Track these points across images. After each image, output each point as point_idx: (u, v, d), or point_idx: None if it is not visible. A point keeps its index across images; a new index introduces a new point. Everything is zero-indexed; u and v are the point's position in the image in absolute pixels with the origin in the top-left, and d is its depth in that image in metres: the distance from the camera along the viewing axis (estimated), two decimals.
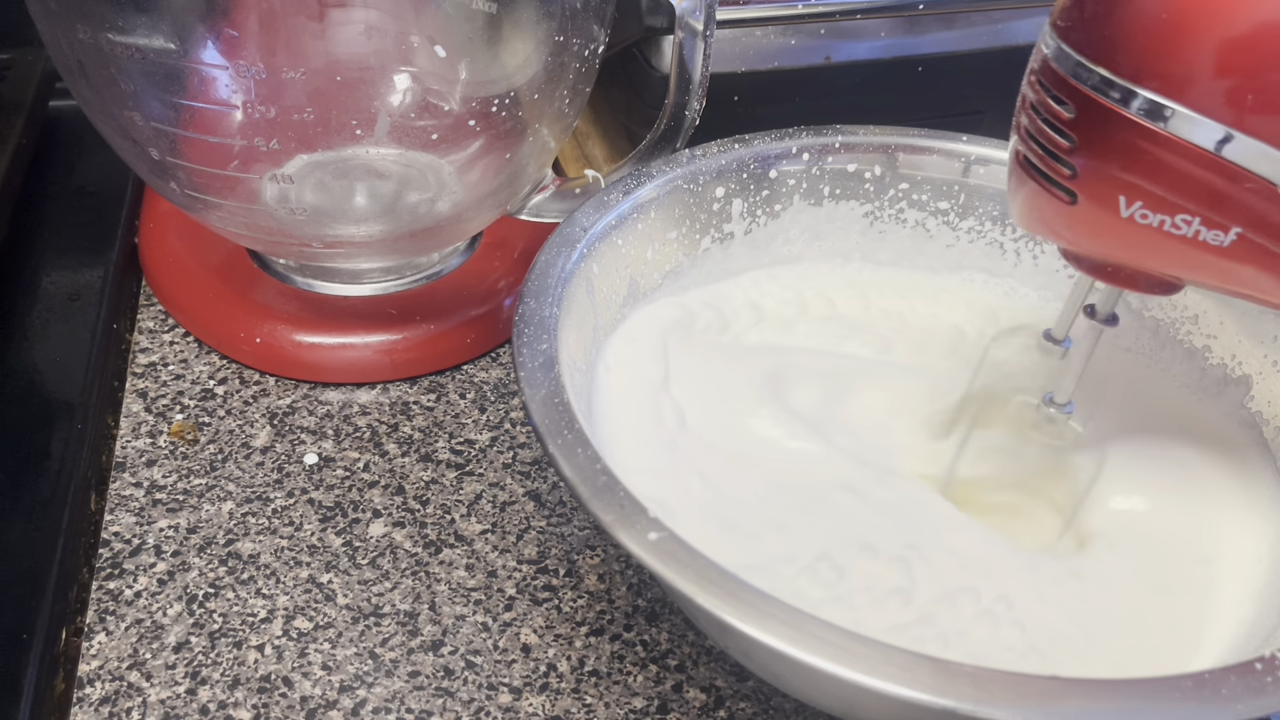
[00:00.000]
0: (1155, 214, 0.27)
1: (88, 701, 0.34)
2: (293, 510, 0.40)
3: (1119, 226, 0.28)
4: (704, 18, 0.40)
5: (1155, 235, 0.28)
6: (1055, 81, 0.28)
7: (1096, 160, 0.28)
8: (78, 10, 0.36)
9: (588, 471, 0.29)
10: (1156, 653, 0.32)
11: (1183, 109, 0.26)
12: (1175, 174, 0.27)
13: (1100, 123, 0.27)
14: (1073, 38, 0.27)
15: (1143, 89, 0.26)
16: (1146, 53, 0.26)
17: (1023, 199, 0.30)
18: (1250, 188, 0.26)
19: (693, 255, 0.42)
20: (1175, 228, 0.28)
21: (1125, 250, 0.29)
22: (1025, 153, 0.29)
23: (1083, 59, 0.27)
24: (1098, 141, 0.27)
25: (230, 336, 0.45)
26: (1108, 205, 0.28)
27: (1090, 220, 0.29)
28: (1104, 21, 0.27)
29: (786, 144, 0.42)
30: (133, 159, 0.41)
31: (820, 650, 0.25)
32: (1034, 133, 0.29)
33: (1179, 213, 0.27)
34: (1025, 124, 0.29)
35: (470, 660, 0.36)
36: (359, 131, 0.38)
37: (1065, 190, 0.28)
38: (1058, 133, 0.28)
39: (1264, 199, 0.26)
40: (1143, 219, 0.28)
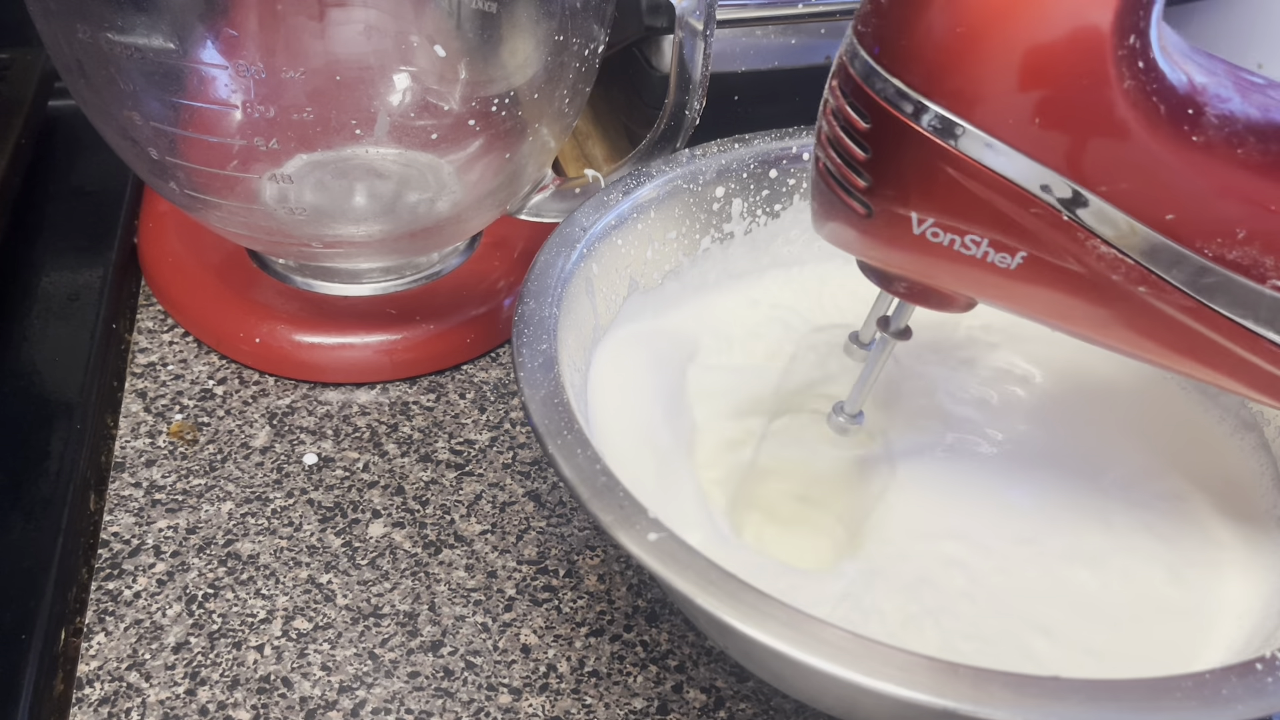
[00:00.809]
0: (946, 233, 0.27)
1: (87, 702, 0.34)
2: (292, 510, 0.40)
3: (911, 243, 0.28)
4: (704, 17, 0.40)
5: (946, 254, 0.28)
6: (853, 89, 0.27)
7: (890, 174, 0.27)
8: (77, 10, 0.36)
9: (587, 472, 0.29)
10: (1158, 650, 0.32)
11: (972, 128, 0.25)
12: (965, 194, 0.26)
13: (894, 135, 0.26)
14: (870, 45, 0.27)
15: (935, 104, 0.26)
16: (939, 67, 0.25)
17: (820, 207, 0.30)
18: (1036, 212, 0.26)
19: (693, 255, 0.42)
20: (965, 248, 0.27)
21: (917, 267, 0.29)
22: (824, 160, 0.29)
23: (879, 68, 0.26)
24: (892, 154, 0.27)
25: (230, 336, 0.45)
26: (901, 221, 0.27)
27: (884, 235, 0.28)
28: (900, 31, 0.26)
29: (786, 144, 0.42)
30: (132, 159, 0.41)
31: (820, 651, 0.25)
32: (833, 140, 0.28)
33: (969, 233, 0.27)
34: (825, 130, 0.29)
35: (470, 661, 0.36)
36: (359, 131, 0.38)
37: (861, 202, 0.28)
38: (854, 142, 0.27)
39: (1049, 225, 0.26)
40: (934, 237, 0.27)
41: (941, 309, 0.30)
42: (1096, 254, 0.27)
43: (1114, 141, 0.25)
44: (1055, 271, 0.27)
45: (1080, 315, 0.28)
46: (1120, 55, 0.24)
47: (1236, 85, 0.26)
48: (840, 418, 0.35)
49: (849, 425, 0.35)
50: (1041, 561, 0.34)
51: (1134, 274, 0.27)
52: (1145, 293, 0.27)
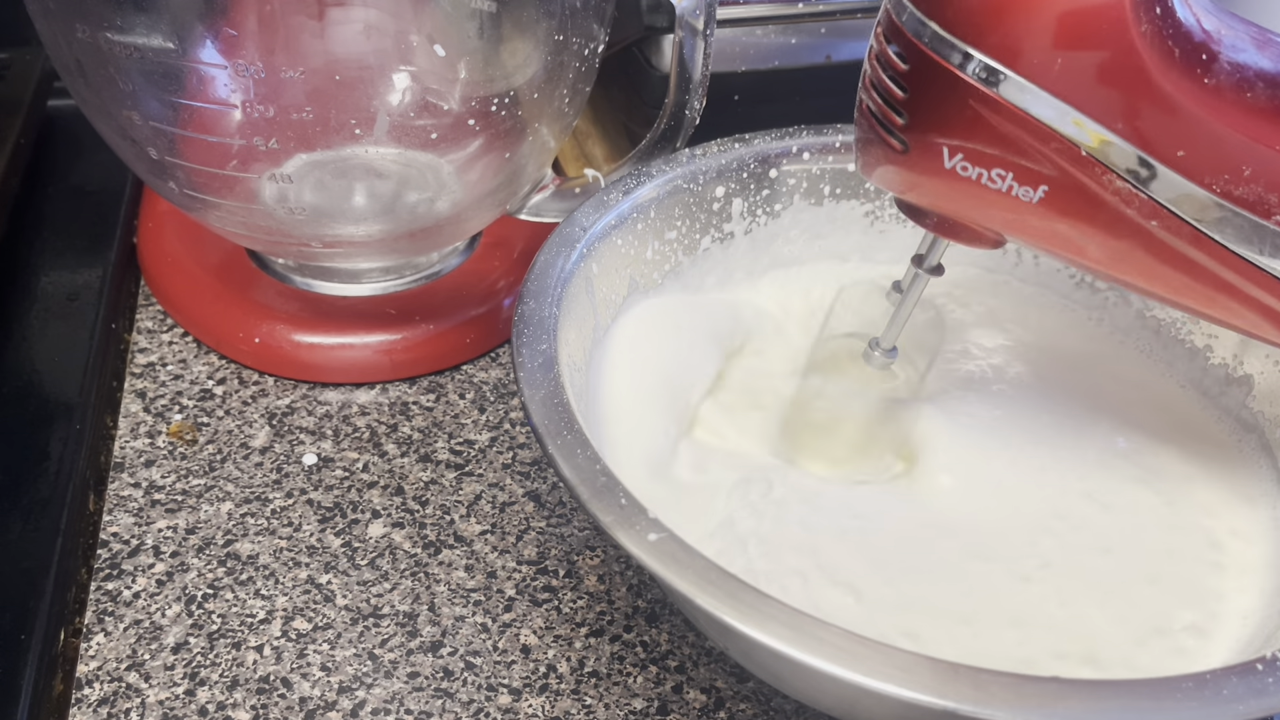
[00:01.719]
0: (974, 167, 0.29)
1: (86, 702, 0.34)
2: (292, 511, 0.40)
3: (943, 177, 0.30)
4: (704, 17, 0.40)
5: (974, 188, 0.29)
6: (894, 32, 0.29)
7: (925, 111, 0.29)
8: (76, 9, 0.36)
9: (587, 472, 0.29)
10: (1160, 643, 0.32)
11: (1002, 67, 0.27)
12: (992, 130, 0.28)
13: (931, 76, 0.28)
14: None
15: (970, 47, 0.27)
16: (975, 14, 0.27)
17: (863, 146, 0.32)
18: (1057, 148, 0.28)
19: (693, 255, 0.42)
20: (991, 181, 0.29)
21: (949, 201, 0.31)
22: (867, 101, 0.31)
23: (920, 14, 0.28)
24: (927, 94, 0.29)
25: (229, 336, 0.45)
26: (933, 156, 0.29)
27: (918, 169, 0.30)
28: None
29: (787, 143, 0.42)
30: (131, 158, 0.41)
31: (821, 651, 0.25)
32: (875, 82, 0.30)
33: (994, 166, 0.29)
34: (869, 73, 0.31)
35: (470, 661, 0.36)
36: (358, 131, 0.38)
37: (898, 138, 0.30)
38: (894, 83, 0.29)
39: (1069, 160, 0.28)
40: (963, 171, 0.29)
41: (971, 244, 0.32)
42: (1112, 188, 0.28)
43: (1130, 82, 0.27)
44: (1074, 205, 0.29)
45: (1096, 249, 0.30)
46: (1137, 2, 0.26)
47: (1255, 40, 0.28)
48: (876, 353, 0.37)
49: (886, 359, 0.37)
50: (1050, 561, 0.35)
51: (1146, 208, 0.29)
52: (1157, 227, 0.29)
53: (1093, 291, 0.43)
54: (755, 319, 0.42)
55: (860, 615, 0.33)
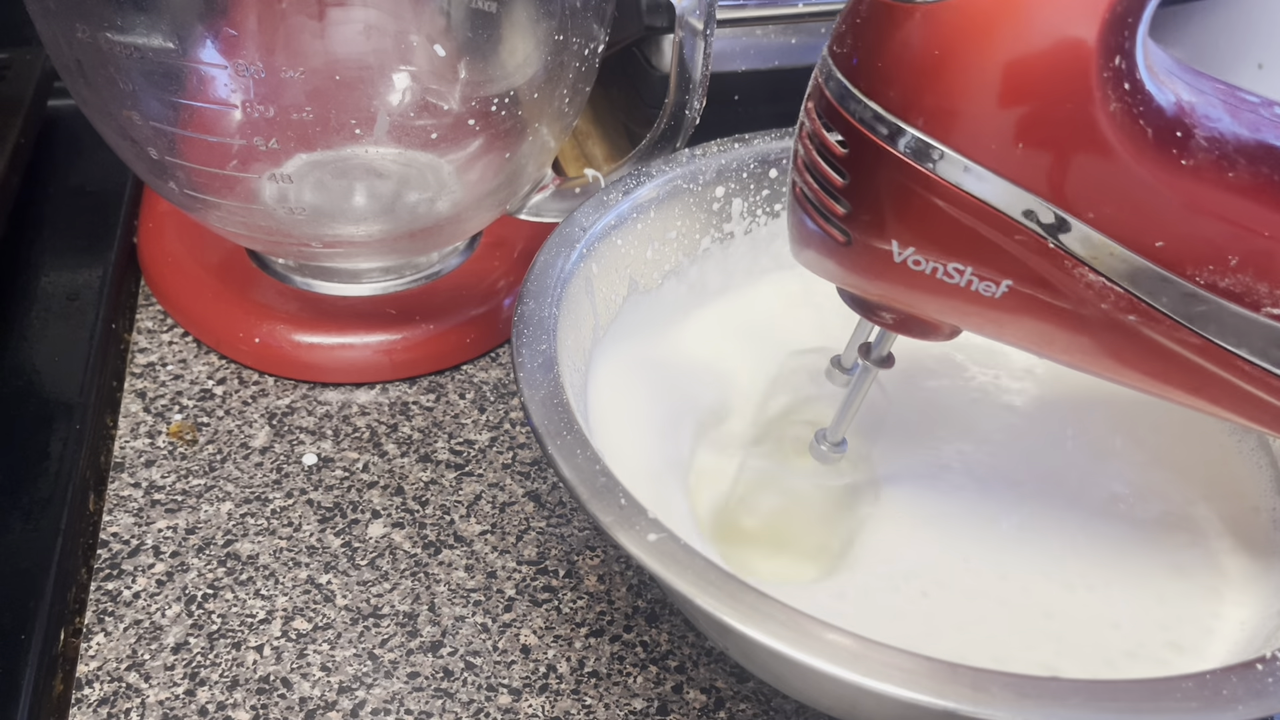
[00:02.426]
0: (928, 261, 0.26)
1: (86, 702, 0.34)
2: (291, 511, 0.40)
3: (892, 272, 0.27)
4: (704, 17, 0.40)
5: (929, 283, 0.27)
6: (829, 112, 0.26)
7: (869, 200, 0.26)
8: (76, 9, 0.36)
9: (587, 472, 0.29)
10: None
11: (952, 152, 0.25)
12: (946, 221, 0.26)
13: (872, 160, 0.26)
14: (846, 66, 0.26)
15: (912, 127, 0.25)
16: (916, 89, 0.25)
17: (798, 234, 0.29)
18: (1020, 240, 0.25)
19: (693, 255, 0.42)
20: (948, 276, 0.26)
21: (900, 297, 0.28)
22: (801, 185, 0.28)
23: (856, 90, 0.26)
24: (870, 180, 0.26)
25: (229, 336, 0.45)
26: (881, 249, 0.27)
27: (864, 263, 0.27)
28: (875, 51, 0.25)
29: (787, 143, 0.42)
30: (131, 158, 0.41)
31: (821, 652, 0.25)
32: (809, 165, 0.27)
33: (951, 260, 0.26)
34: (801, 154, 0.28)
35: (470, 661, 0.36)
36: (358, 131, 0.38)
37: (840, 229, 0.27)
38: (832, 168, 0.27)
39: (1034, 252, 0.26)
40: (915, 266, 0.27)
41: (925, 338, 0.30)
42: (1084, 282, 0.26)
43: (1100, 166, 0.25)
44: (1041, 299, 0.27)
45: (1068, 344, 0.28)
46: (1105, 77, 0.24)
47: (1226, 104, 0.26)
48: (823, 446, 0.34)
49: (832, 454, 0.34)
50: (1036, 569, 0.34)
51: (1123, 302, 0.26)
52: (1135, 321, 0.27)
53: None
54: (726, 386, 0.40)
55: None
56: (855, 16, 0.26)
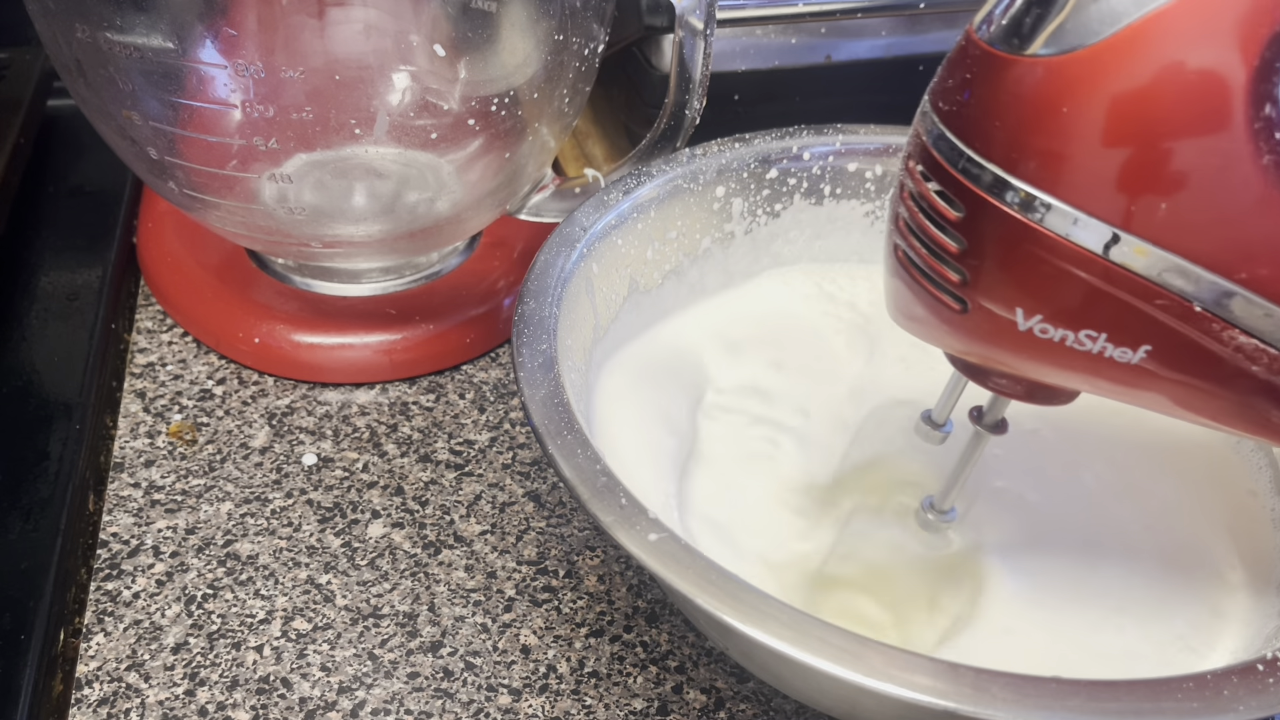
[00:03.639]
0: (1057, 329, 0.25)
1: (86, 702, 0.34)
2: (291, 511, 0.40)
3: (1016, 341, 0.25)
4: (704, 17, 0.40)
5: (1056, 350, 0.25)
6: (941, 176, 0.24)
7: (990, 268, 0.24)
8: (76, 9, 0.36)
9: (587, 472, 0.29)
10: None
11: (1091, 219, 0.23)
12: (1081, 288, 0.24)
13: (995, 227, 0.24)
14: (958, 125, 0.24)
15: (1042, 192, 0.23)
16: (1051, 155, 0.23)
17: (902, 299, 0.27)
18: (1163, 304, 0.24)
19: (693, 255, 0.42)
20: (1079, 344, 0.25)
21: (1023, 364, 0.26)
22: (905, 248, 0.26)
23: (972, 152, 0.24)
24: (992, 247, 0.24)
25: (229, 336, 0.45)
26: (1004, 317, 0.25)
27: (983, 332, 0.26)
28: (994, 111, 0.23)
29: (786, 143, 0.42)
30: (131, 158, 0.41)
31: (821, 652, 0.25)
32: (915, 228, 0.25)
33: (1084, 328, 0.24)
34: (904, 216, 0.26)
35: (470, 661, 0.36)
36: (358, 131, 0.38)
37: (955, 297, 0.25)
38: (944, 233, 0.25)
39: (1178, 316, 0.24)
40: (1042, 334, 0.25)
41: (1044, 403, 0.28)
42: (1235, 345, 0.24)
43: (1253, 224, 0.23)
44: (1184, 363, 0.25)
45: (1209, 406, 0.26)
46: (1257, 129, 0.22)
47: None
48: (930, 515, 0.33)
49: (940, 523, 0.32)
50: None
51: (1277, 363, 0.24)
52: None
53: None
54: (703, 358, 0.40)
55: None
56: (964, 72, 0.24)
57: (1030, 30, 0.23)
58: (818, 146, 0.43)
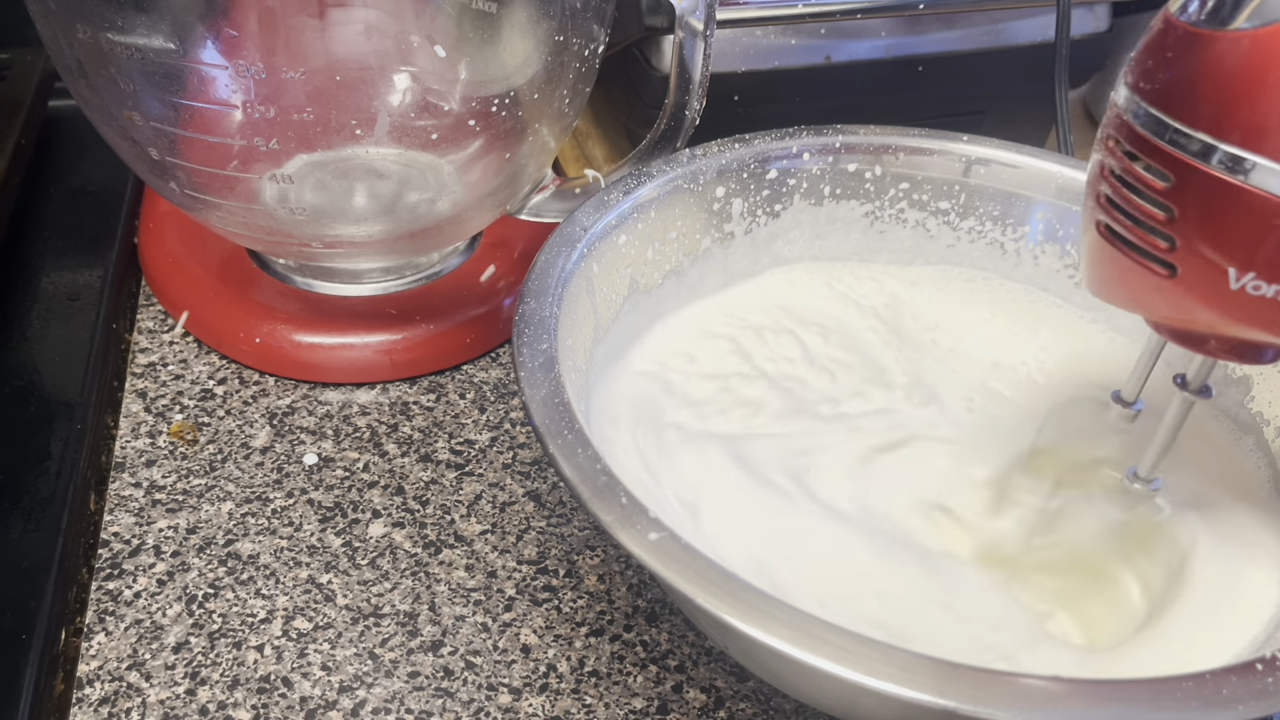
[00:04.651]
0: (1270, 284, 0.25)
1: (87, 702, 0.34)
2: (292, 510, 0.40)
3: (1228, 300, 0.26)
4: (704, 17, 0.40)
5: (1269, 306, 0.26)
6: (1146, 149, 0.26)
7: (1201, 232, 0.26)
8: (77, 10, 0.36)
9: (588, 471, 0.29)
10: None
11: None
12: None
13: (1205, 192, 0.25)
14: (1163, 101, 0.26)
15: (1252, 154, 0.24)
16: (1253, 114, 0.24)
17: (1108, 272, 0.28)
18: None
19: (693, 255, 0.42)
20: None
21: (1233, 323, 0.27)
22: (1109, 223, 0.27)
23: (1178, 124, 0.25)
24: (1202, 212, 0.25)
25: (230, 336, 0.45)
26: (1215, 278, 0.26)
27: (1193, 294, 0.27)
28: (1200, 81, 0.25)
29: (786, 144, 0.42)
30: (132, 159, 0.41)
31: (821, 651, 0.25)
32: (1120, 203, 0.27)
33: None
34: (1108, 193, 0.27)
35: (470, 661, 0.36)
36: (359, 131, 0.38)
37: (1163, 264, 0.27)
38: (1152, 204, 0.26)
39: None
40: (1255, 290, 0.26)
41: (1254, 362, 0.29)
42: None
43: None
44: None
45: None
46: None
47: None
48: (1136, 485, 0.34)
49: (1148, 490, 0.34)
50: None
51: None
52: None
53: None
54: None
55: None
56: (1166, 52, 0.26)
57: (1232, 9, 0.25)
58: (818, 146, 0.43)
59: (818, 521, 0.34)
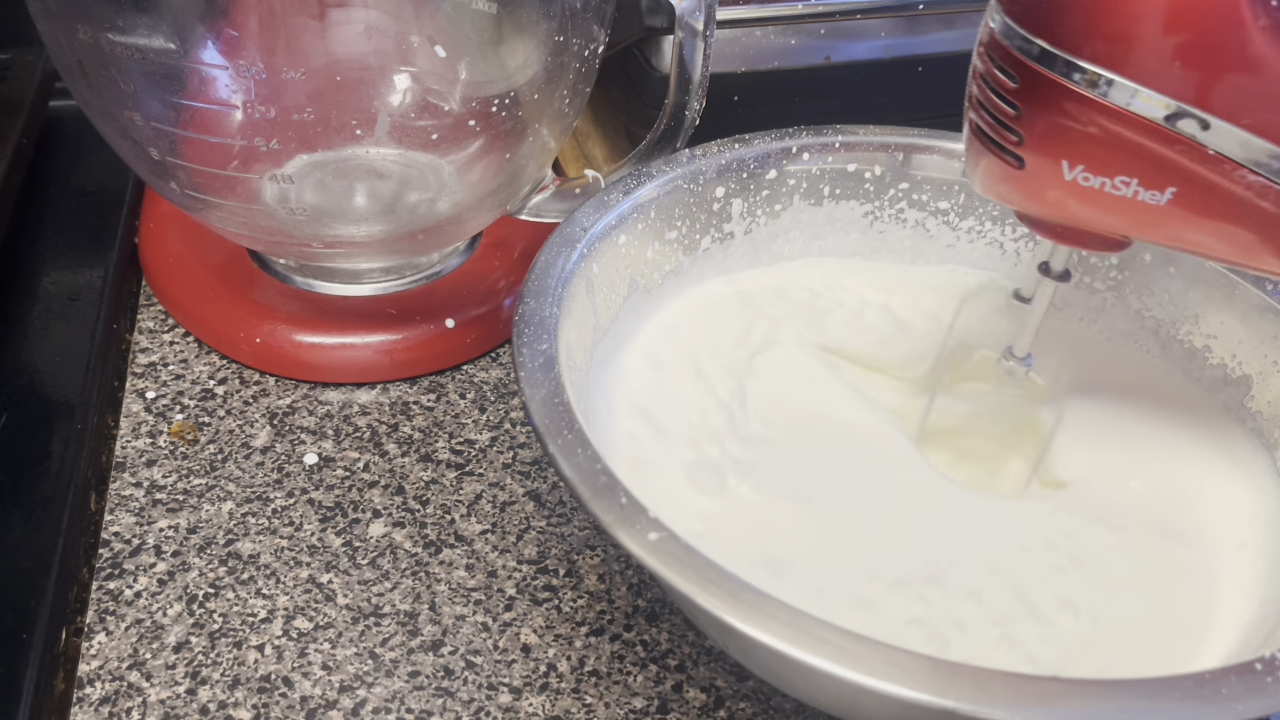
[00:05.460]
0: (1096, 177, 0.29)
1: (88, 701, 0.34)
2: (293, 510, 0.40)
3: (1064, 190, 0.30)
4: (704, 18, 0.40)
5: (1097, 197, 0.30)
6: (1001, 54, 0.29)
7: (1040, 127, 0.29)
8: (78, 10, 0.36)
9: (588, 471, 0.29)
10: (1157, 649, 0.33)
11: (1120, 78, 0.27)
12: (1113, 140, 0.28)
13: (1042, 92, 0.28)
14: (1015, 11, 0.29)
15: (1081, 60, 0.28)
16: (1083, 25, 0.27)
17: (976, 166, 0.32)
18: (1181, 149, 0.28)
19: (693, 255, 0.42)
20: (1115, 189, 0.29)
21: (1071, 212, 0.31)
22: (977, 121, 0.31)
23: (1025, 32, 0.28)
24: (1040, 110, 0.29)
25: (230, 336, 0.45)
26: (1052, 170, 0.29)
27: (1037, 184, 0.30)
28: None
29: (786, 144, 0.42)
30: (133, 159, 0.41)
31: (821, 650, 0.25)
32: (983, 102, 0.30)
33: (1118, 174, 0.29)
34: (975, 93, 0.31)
35: (470, 660, 0.36)
36: (359, 131, 0.38)
37: (1014, 156, 0.30)
38: (1004, 101, 0.29)
39: (1196, 160, 0.28)
40: (1085, 182, 0.29)
41: (1096, 249, 0.32)
42: (1245, 182, 0.28)
43: (1253, 77, 0.27)
44: (1205, 203, 0.29)
45: (1231, 243, 0.30)
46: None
47: None
48: (1011, 362, 0.38)
49: (1019, 368, 0.38)
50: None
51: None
52: None
53: (1090, 293, 0.43)
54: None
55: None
56: None
57: None
58: (818, 146, 0.43)
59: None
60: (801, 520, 0.35)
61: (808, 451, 0.37)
